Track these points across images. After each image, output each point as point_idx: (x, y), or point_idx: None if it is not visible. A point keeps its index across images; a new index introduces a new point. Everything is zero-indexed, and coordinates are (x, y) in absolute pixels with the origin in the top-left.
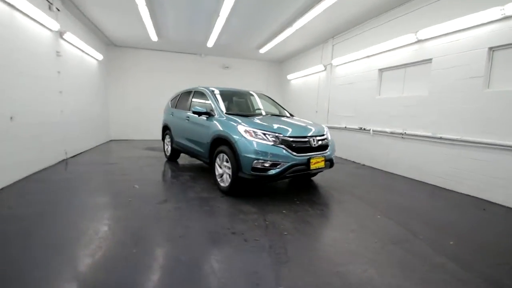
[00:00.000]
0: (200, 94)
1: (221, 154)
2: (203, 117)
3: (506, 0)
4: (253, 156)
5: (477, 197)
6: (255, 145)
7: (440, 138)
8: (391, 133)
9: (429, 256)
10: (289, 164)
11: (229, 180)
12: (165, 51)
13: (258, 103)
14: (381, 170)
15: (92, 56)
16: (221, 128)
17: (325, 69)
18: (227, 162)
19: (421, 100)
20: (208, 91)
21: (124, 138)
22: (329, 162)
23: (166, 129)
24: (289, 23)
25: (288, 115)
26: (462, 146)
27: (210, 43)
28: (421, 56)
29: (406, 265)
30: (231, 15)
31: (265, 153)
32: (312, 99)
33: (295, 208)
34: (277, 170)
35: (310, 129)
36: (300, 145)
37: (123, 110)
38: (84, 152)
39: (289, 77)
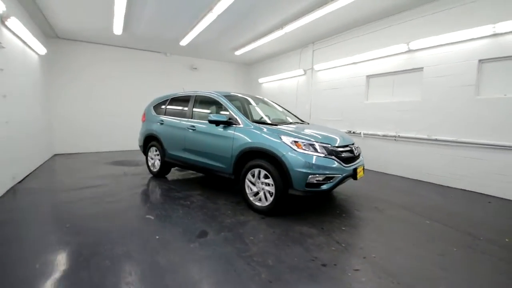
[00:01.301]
0: (206, 100)
1: (256, 169)
2: (219, 127)
3: (494, 19)
4: (307, 170)
5: (475, 192)
6: (309, 158)
7: (436, 139)
8: (384, 136)
9: (506, 256)
10: (341, 176)
11: (271, 198)
12: (125, 47)
13: (269, 109)
14: (374, 171)
15: (34, 50)
16: (253, 140)
17: (304, 74)
18: (266, 178)
19: (415, 105)
20: (221, 97)
21: (74, 151)
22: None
23: (150, 141)
24: (279, 26)
25: (307, 122)
26: (457, 147)
27: (185, 42)
28: (412, 65)
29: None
30: (225, 11)
31: (319, 167)
32: (289, 104)
33: (347, 222)
34: (331, 184)
35: (346, 137)
36: (347, 155)
37: (72, 117)
38: (32, 173)
39: (260, 80)
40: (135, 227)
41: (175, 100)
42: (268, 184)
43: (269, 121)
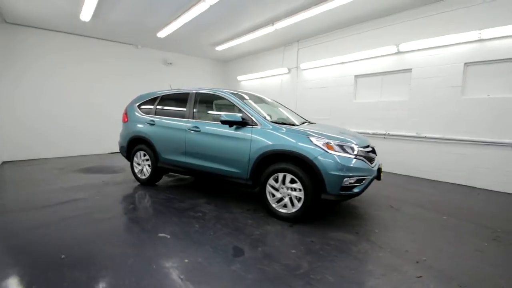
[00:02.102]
0: (210, 98)
1: (279, 174)
2: (231, 128)
3: (480, 25)
4: (343, 173)
5: (463, 185)
6: (343, 160)
7: (425, 137)
8: (373, 134)
9: None
10: (370, 177)
11: (299, 204)
12: (89, 37)
13: (272, 108)
14: None
15: None
16: (276, 142)
17: (289, 72)
18: (292, 183)
19: (403, 104)
20: (231, 95)
21: (28, 157)
22: None
23: (137, 144)
24: (269, 23)
25: (313, 121)
26: (444, 144)
27: (164, 33)
28: (401, 66)
29: None
30: (219, 2)
31: (354, 169)
32: None
33: (374, 224)
34: (362, 186)
35: (362, 137)
36: (371, 156)
37: (23, 118)
38: None
39: (240, 78)
40: (152, 250)
41: (168, 99)
42: (295, 189)
43: (285, 121)
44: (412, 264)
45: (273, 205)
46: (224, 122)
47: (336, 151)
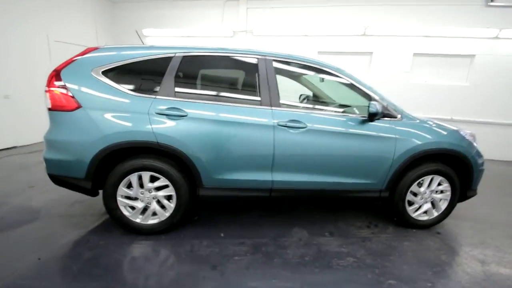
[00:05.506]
0: (293, 71)
1: (426, 177)
2: (358, 123)
3: (427, 23)
4: (483, 167)
5: None
6: (481, 154)
7: None
8: None
9: None
10: None
11: (442, 207)
12: None
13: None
14: None
15: None
16: (430, 139)
17: (233, 36)
18: (440, 185)
19: None
20: (338, 68)
21: None
22: None
23: (125, 158)
24: None
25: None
26: None
27: None
28: (364, 48)
29: None
30: None
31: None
32: None
33: None
34: None
35: None
36: None
37: None
38: None
39: (147, 32)
40: None
41: (201, 64)
42: (441, 191)
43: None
44: None
45: (413, 215)
46: (372, 116)
47: (476, 144)
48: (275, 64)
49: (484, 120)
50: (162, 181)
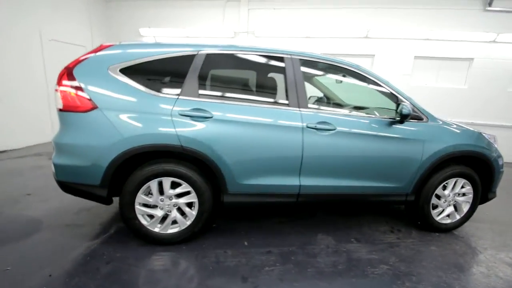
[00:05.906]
0: (320, 71)
1: (450, 180)
2: (386, 126)
3: (430, 26)
4: (503, 169)
5: None
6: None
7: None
8: None
9: None
10: None
11: (464, 210)
12: None
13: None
14: None
15: None
16: (455, 142)
17: (234, 37)
18: (462, 187)
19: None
20: (367, 71)
21: None
22: None
23: (145, 163)
24: None
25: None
26: None
27: None
28: (366, 51)
29: None
30: None
31: None
32: None
33: None
34: None
35: None
36: None
37: None
38: None
39: (144, 32)
40: None
41: (227, 64)
42: (464, 194)
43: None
44: None
45: (436, 218)
46: (404, 118)
47: (496, 146)
48: (303, 65)
49: (482, 122)
50: (184, 187)
